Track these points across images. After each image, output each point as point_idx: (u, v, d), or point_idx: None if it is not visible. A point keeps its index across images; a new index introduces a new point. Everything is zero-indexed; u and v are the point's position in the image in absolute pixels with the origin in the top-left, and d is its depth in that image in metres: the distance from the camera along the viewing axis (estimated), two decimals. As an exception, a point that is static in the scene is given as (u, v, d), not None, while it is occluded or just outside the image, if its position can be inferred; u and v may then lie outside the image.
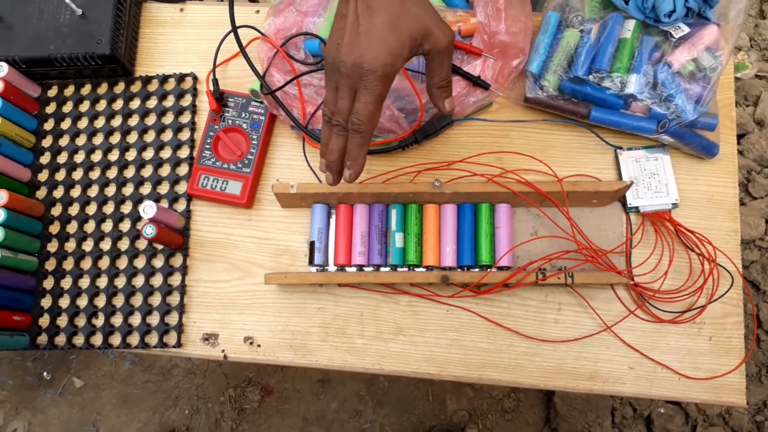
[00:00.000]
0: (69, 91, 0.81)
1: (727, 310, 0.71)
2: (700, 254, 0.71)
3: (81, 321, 0.74)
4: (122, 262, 0.75)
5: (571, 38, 0.71)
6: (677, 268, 0.71)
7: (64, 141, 0.80)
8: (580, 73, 0.70)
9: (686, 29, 0.69)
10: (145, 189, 0.77)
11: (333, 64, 0.53)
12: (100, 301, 0.75)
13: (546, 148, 0.75)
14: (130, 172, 0.78)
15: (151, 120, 0.79)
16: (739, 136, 1.57)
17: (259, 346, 0.72)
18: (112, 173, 0.78)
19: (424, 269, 0.71)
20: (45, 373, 1.56)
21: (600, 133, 0.74)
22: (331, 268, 0.72)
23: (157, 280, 0.75)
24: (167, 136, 0.79)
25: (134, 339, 0.73)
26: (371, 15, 0.52)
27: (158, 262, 0.75)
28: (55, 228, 0.77)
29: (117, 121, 0.80)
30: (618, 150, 0.74)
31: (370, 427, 1.49)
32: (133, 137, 0.79)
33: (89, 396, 1.55)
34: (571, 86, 0.71)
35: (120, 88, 0.81)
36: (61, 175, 0.79)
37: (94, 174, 0.78)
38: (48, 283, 0.75)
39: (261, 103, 0.76)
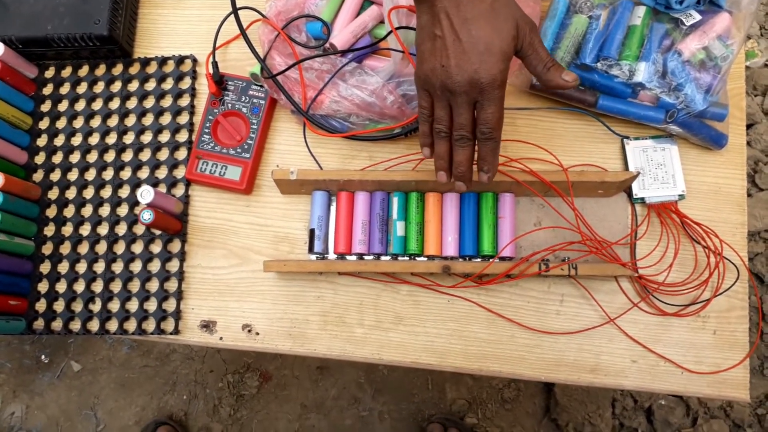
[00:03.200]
0: (66, 72, 0.80)
1: (732, 303, 0.70)
2: (706, 247, 0.70)
3: (78, 306, 0.73)
4: (120, 247, 0.74)
5: (580, 24, 0.70)
6: (682, 260, 0.70)
7: (61, 123, 0.78)
8: (587, 61, 0.68)
9: (697, 17, 0.67)
10: (143, 173, 0.76)
11: (443, 86, 0.53)
12: (97, 287, 0.74)
13: (551, 136, 0.74)
14: (128, 156, 0.77)
15: (149, 103, 0.78)
16: (747, 126, 1.54)
17: (257, 334, 0.72)
18: (109, 156, 0.77)
19: (426, 259, 0.70)
20: (43, 357, 1.56)
21: (607, 122, 0.73)
22: (331, 256, 0.71)
23: (154, 266, 0.74)
24: (166, 119, 0.77)
25: (131, 325, 0.72)
26: (470, 29, 0.51)
27: (156, 247, 0.74)
28: (51, 211, 0.76)
29: (115, 104, 0.78)
30: (625, 139, 0.72)
31: (368, 414, 1.48)
32: (131, 120, 0.78)
33: (87, 380, 1.54)
34: (579, 73, 0.69)
35: (118, 69, 0.79)
36: (58, 158, 0.77)
37: (92, 157, 0.77)
38: (45, 268, 0.75)
39: (261, 86, 0.75)
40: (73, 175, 0.77)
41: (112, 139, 0.77)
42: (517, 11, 0.53)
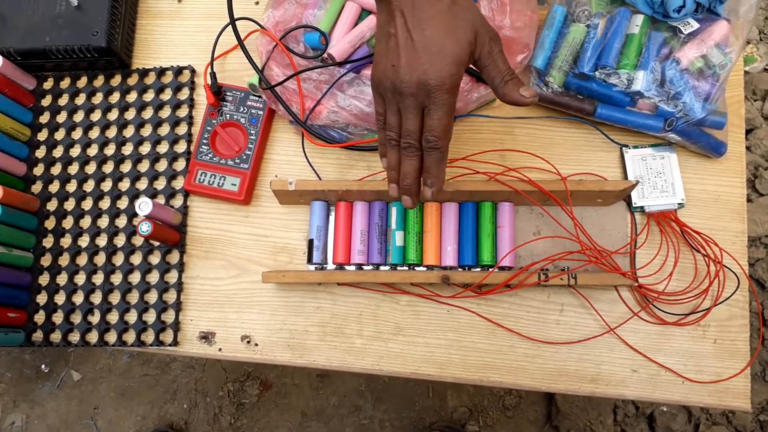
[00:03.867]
0: (65, 83, 0.80)
1: (732, 312, 0.69)
2: (706, 255, 0.69)
3: (77, 318, 0.73)
4: (118, 259, 0.74)
5: (577, 33, 0.69)
6: (682, 269, 0.70)
7: (59, 134, 0.78)
8: (585, 69, 0.68)
9: (695, 25, 0.67)
10: (142, 184, 0.76)
11: (393, 87, 0.51)
12: (96, 298, 0.73)
13: (550, 145, 0.74)
14: (126, 167, 0.77)
15: (148, 114, 0.78)
16: (747, 132, 1.55)
17: (256, 345, 0.71)
18: (108, 168, 0.77)
19: (425, 269, 0.70)
20: (43, 366, 1.56)
21: (605, 131, 0.73)
22: (330, 266, 0.71)
23: (153, 277, 0.73)
24: (164, 130, 0.77)
25: (130, 337, 0.72)
26: (423, 29, 0.49)
27: (155, 258, 0.74)
28: (50, 223, 0.76)
29: (113, 115, 0.78)
30: (624, 148, 0.72)
31: (369, 422, 1.48)
32: (129, 131, 0.78)
33: (87, 389, 1.54)
34: (577, 82, 0.69)
35: (116, 80, 0.79)
36: (56, 170, 0.77)
37: (90, 168, 0.77)
38: (43, 279, 0.74)
39: (259, 97, 0.75)
40: (71, 187, 0.77)
41: (110, 150, 0.77)
42: (477, 18, 0.51)
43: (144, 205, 0.66)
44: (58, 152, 0.78)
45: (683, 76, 0.66)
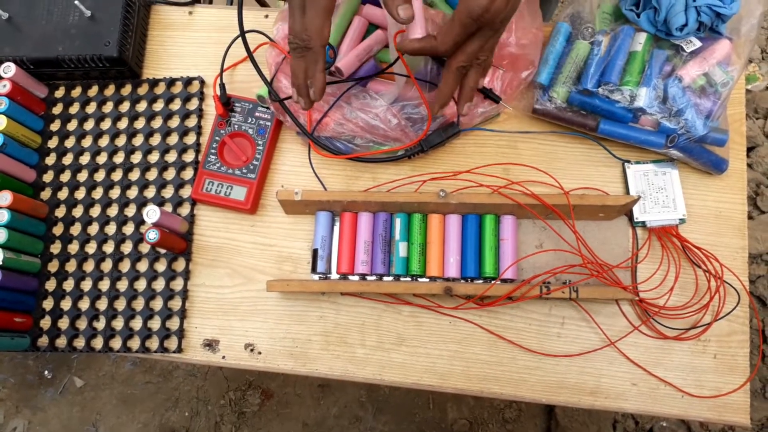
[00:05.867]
0: (76, 92, 0.81)
1: (732, 328, 0.70)
2: (707, 271, 0.70)
3: (82, 324, 0.74)
4: (125, 266, 0.75)
5: (581, 50, 0.71)
6: (683, 284, 0.71)
7: (69, 142, 0.79)
8: (589, 86, 0.69)
9: (698, 43, 0.68)
10: (150, 192, 0.77)
11: None
12: (102, 304, 0.74)
13: (553, 160, 0.75)
14: (134, 175, 0.78)
15: (157, 123, 0.79)
16: (749, 149, 1.55)
17: (259, 353, 0.72)
18: (116, 176, 0.78)
19: (428, 280, 0.70)
20: (46, 372, 1.56)
21: (608, 146, 0.73)
22: (334, 276, 0.72)
23: (159, 284, 0.74)
24: (173, 139, 0.78)
25: (135, 343, 0.73)
26: None
27: (161, 266, 0.75)
28: (58, 229, 0.77)
29: (123, 124, 0.80)
30: (626, 163, 0.73)
31: (370, 433, 1.48)
32: (138, 140, 0.79)
33: (89, 396, 1.55)
34: (580, 98, 0.70)
35: (127, 90, 0.81)
36: (66, 177, 0.78)
37: (99, 176, 0.78)
38: (50, 285, 0.75)
39: (267, 108, 0.76)
40: (80, 194, 0.78)
41: (119, 158, 0.78)
42: None
43: (151, 213, 0.67)
44: (67, 160, 0.79)
45: (685, 94, 0.67)
